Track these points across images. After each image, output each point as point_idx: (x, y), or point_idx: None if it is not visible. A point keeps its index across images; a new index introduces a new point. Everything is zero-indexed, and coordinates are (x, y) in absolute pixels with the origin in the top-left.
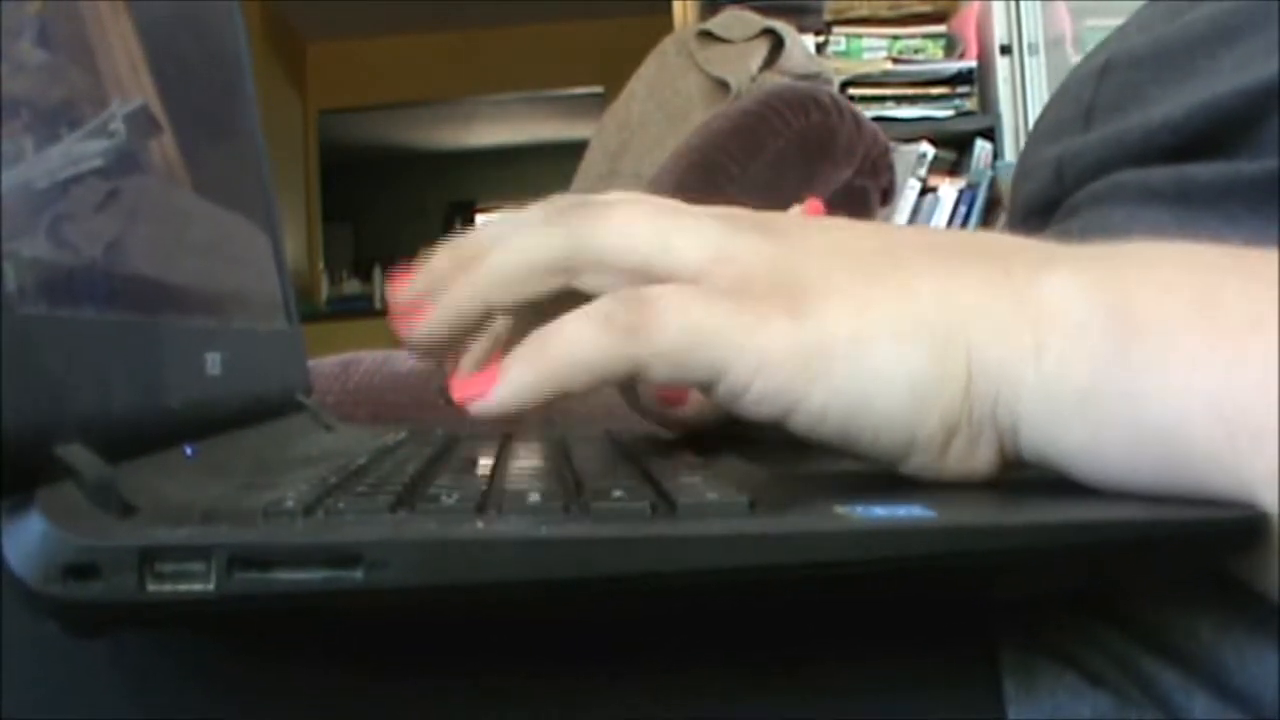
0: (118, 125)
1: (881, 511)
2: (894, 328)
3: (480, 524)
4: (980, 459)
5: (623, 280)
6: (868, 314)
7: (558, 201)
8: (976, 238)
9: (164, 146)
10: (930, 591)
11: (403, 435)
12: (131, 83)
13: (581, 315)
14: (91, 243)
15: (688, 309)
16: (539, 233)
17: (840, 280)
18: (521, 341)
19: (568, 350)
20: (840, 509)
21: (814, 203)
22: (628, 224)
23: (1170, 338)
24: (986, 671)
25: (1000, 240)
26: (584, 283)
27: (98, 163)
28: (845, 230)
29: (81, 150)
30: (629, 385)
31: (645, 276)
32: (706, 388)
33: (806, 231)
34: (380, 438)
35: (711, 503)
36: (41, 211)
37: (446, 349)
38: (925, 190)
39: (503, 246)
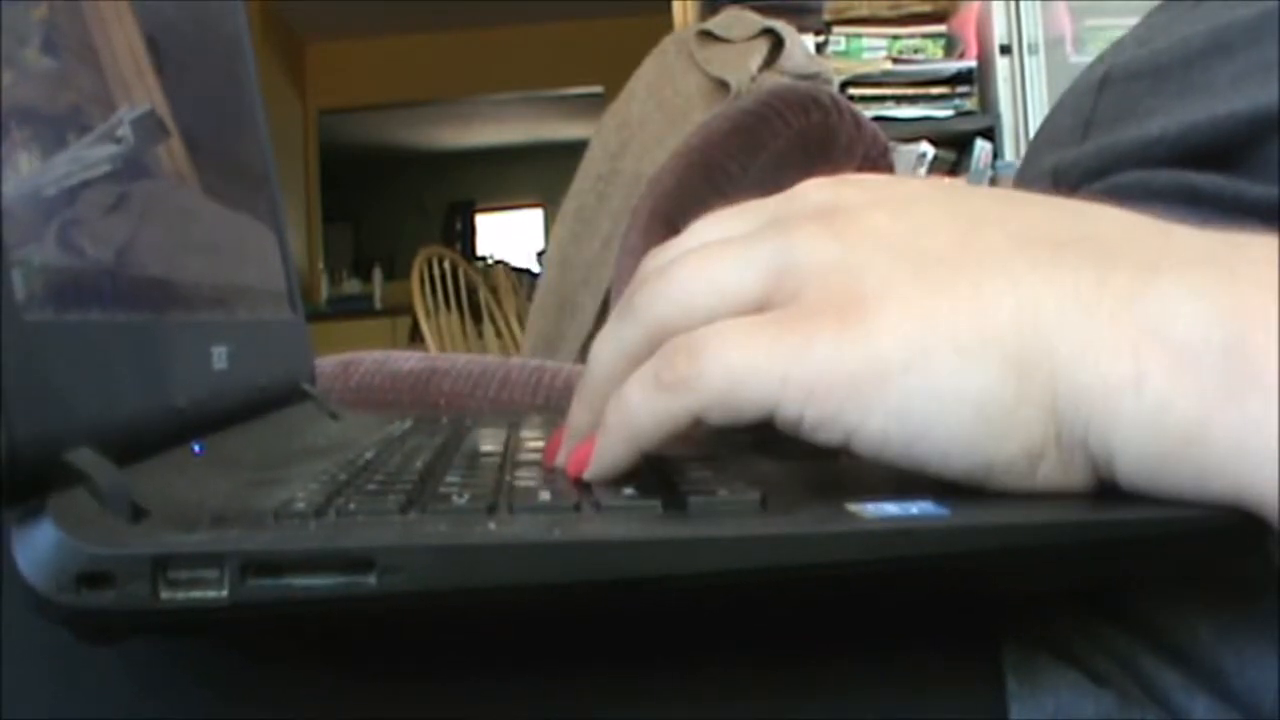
0: (125, 131)
1: (893, 509)
2: (955, 345)
3: (492, 525)
4: (1075, 479)
5: None
6: (925, 328)
7: (634, 284)
8: (1079, 218)
9: (171, 145)
10: (941, 588)
11: (408, 425)
12: (137, 84)
13: (635, 379)
14: (98, 247)
15: (726, 352)
16: (618, 334)
17: (901, 285)
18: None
19: (631, 418)
20: (852, 506)
21: None
22: (678, 287)
23: None
24: (990, 670)
25: (1105, 221)
26: None
27: (106, 168)
28: (920, 211)
29: (90, 156)
30: None
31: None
32: (769, 421)
33: (876, 215)
34: (386, 427)
35: (722, 500)
36: (50, 218)
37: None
38: None
39: (595, 367)
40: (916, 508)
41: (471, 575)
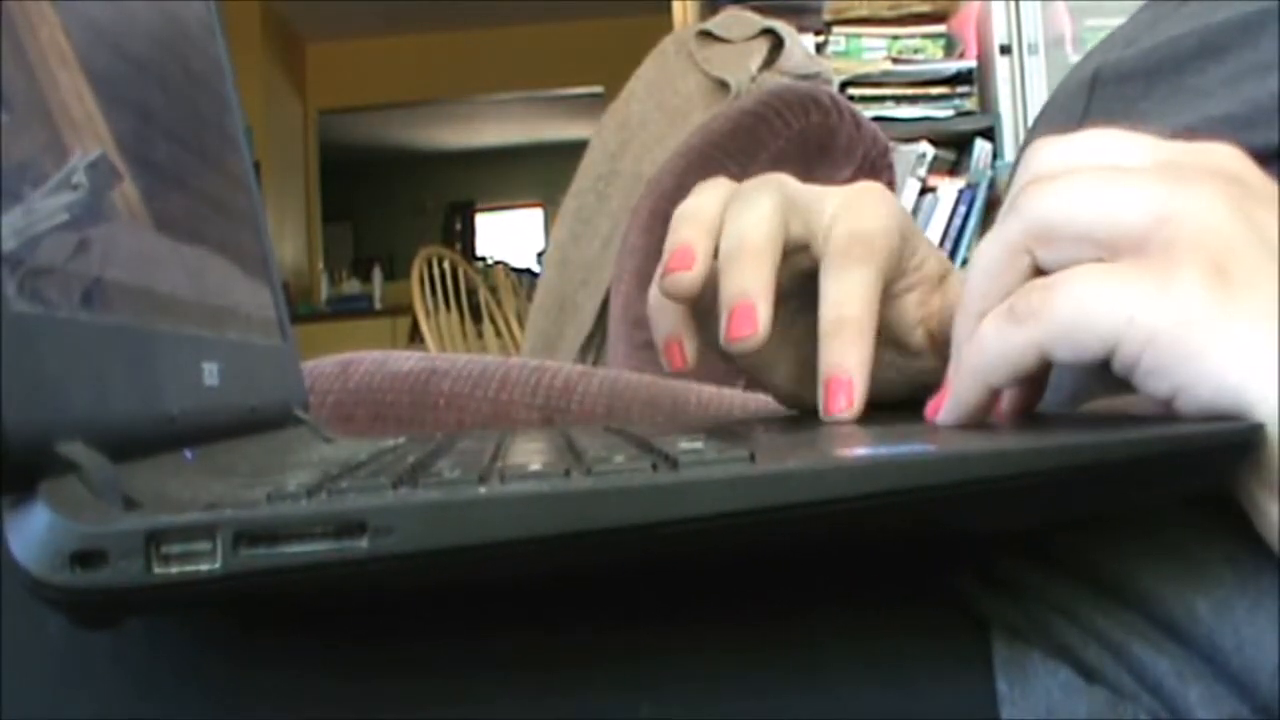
0: (87, 175)
1: (884, 450)
2: None
3: (483, 490)
4: None
5: (1075, 250)
6: None
7: (1017, 184)
8: None
9: (169, 185)
10: (929, 526)
11: (403, 440)
12: (120, 120)
13: (993, 314)
14: (88, 260)
15: (1082, 285)
16: (1001, 229)
17: (1271, 277)
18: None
19: (982, 353)
20: (841, 451)
21: None
22: (1069, 196)
23: None
24: (980, 672)
25: None
26: (1043, 259)
27: (76, 214)
28: None
29: (62, 196)
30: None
31: (1093, 244)
32: (1111, 365)
33: (1271, 213)
34: (380, 444)
35: (713, 458)
36: (42, 225)
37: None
38: (925, 190)
39: (978, 261)
40: (905, 448)
41: (462, 533)
